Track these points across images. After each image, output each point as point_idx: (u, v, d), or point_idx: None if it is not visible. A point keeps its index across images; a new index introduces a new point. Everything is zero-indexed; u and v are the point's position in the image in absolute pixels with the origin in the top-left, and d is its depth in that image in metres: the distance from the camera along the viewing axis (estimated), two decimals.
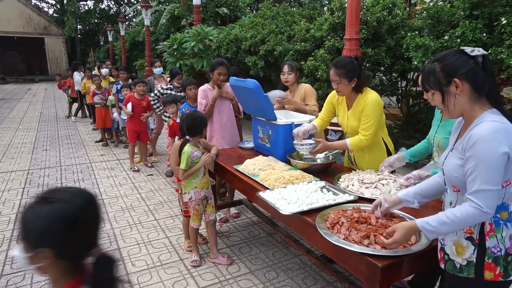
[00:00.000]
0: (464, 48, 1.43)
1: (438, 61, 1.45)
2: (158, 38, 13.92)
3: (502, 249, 1.40)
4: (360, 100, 2.63)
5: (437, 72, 1.44)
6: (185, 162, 2.86)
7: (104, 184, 5.00)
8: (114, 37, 20.98)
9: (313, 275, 2.88)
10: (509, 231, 1.42)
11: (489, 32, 4.28)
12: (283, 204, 2.11)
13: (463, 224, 1.40)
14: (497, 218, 1.41)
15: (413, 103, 6.40)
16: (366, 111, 2.58)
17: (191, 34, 8.66)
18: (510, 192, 1.40)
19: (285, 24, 7.01)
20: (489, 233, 1.41)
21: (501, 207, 1.41)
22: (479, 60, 1.39)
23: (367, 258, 1.59)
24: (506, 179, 1.37)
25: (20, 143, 7.54)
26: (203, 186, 3.01)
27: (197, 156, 2.92)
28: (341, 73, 2.53)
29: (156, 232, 3.59)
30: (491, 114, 1.38)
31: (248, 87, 2.93)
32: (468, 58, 1.40)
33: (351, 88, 2.60)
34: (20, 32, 26.28)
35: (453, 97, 1.42)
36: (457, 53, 1.42)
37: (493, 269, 1.41)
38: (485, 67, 1.40)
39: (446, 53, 1.45)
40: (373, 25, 5.15)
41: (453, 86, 1.41)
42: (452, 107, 1.44)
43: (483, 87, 1.40)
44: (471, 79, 1.39)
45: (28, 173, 5.52)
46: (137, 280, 2.81)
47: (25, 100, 15.51)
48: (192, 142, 2.95)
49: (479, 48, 1.41)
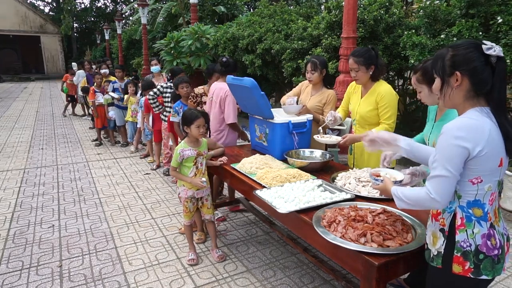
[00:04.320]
0: (484, 42, 1.37)
1: (452, 48, 1.43)
2: (155, 37, 13.86)
3: (472, 245, 1.41)
4: (376, 88, 2.78)
5: (446, 59, 1.42)
6: (174, 159, 2.81)
7: (101, 183, 4.98)
8: (111, 36, 20.90)
9: (310, 273, 2.89)
10: (482, 229, 1.42)
11: (485, 31, 4.29)
12: (280, 203, 2.11)
13: (416, 205, 1.49)
14: (469, 214, 1.43)
15: (410, 101, 6.42)
16: (383, 102, 2.72)
17: (188, 32, 8.64)
18: (485, 190, 1.40)
19: (283, 22, 7.00)
20: (459, 227, 1.44)
21: (474, 203, 1.42)
22: (492, 59, 1.34)
23: (364, 256, 1.60)
24: (476, 175, 1.38)
25: (16, 142, 7.50)
26: (191, 186, 2.91)
27: (188, 156, 2.82)
28: (360, 61, 2.70)
29: (153, 231, 3.59)
30: (474, 112, 1.38)
31: (245, 85, 2.93)
32: (480, 55, 1.35)
33: (369, 76, 2.75)
34: (16, 30, 26.11)
35: (450, 88, 1.42)
36: (472, 46, 1.37)
37: (461, 263, 1.42)
38: (496, 69, 1.35)
39: (462, 42, 1.41)
40: (370, 23, 5.15)
41: (454, 78, 1.40)
42: (448, 98, 1.45)
43: (482, 88, 1.37)
44: (473, 77, 1.37)
45: (24, 172, 5.49)
46: (134, 279, 2.80)
47: (21, 98, 15.42)
48: (187, 139, 2.88)
49: (499, 47, 1.35)
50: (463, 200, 1.43)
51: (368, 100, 2.81)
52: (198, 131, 2.80)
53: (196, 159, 2.88)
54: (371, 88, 2.81)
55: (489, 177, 1.39)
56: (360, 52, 2.74)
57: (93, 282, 2.77)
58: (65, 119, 10.24)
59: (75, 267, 2.97)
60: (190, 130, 2.82)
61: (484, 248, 1.41)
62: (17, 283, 2.77)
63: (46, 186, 4.85)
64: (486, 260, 1.41)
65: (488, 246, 1.41)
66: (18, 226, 3.70)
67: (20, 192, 4.66)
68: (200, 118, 2.79)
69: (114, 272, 2.90)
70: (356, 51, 2.78)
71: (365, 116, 2.82)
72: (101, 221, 3.80)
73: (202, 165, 2.94)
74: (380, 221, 1.78)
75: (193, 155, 2.85)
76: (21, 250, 3.23)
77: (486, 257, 1.41)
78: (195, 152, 2.87)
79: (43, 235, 3.51)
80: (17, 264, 3.02)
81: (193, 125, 2.78)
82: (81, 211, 4.06)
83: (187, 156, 2.83)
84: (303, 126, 3.03)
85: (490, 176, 1.39)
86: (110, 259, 3.08)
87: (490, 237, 1.42)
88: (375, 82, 2.80)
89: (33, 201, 4.35)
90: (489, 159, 1.35)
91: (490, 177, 1.39)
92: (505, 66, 1.39)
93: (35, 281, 2.79)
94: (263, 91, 2.94)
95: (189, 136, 2.88)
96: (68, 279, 2.81)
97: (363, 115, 2.83)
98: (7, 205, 4.22)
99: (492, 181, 1.40)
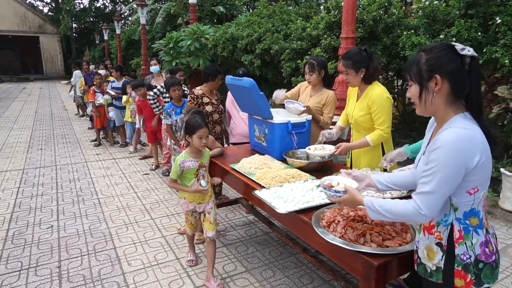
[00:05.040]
0: (455, 44, 1.34)
1: (425, 52, 1.37)
2: (154, 37, 13.85)
3: (471, 256, 1.37)
4: (369, 91, 2.68)
5: (421, 63, 1.36)
6: (174, 171, 2.61)
7: (100, 184, 4.98)
8: (110, 36, 20.86)
9: (310, 273, 2.89)
10: (479, 238, 1.38)
11: (484, 31, 4.30)
12: (279, 203, 2.11)
13: (401, 219, 1.48)
14: (466, 225, 1.38)
15: (409, 101, 6.42)
16: (374, 107, 2.62)
17: (187, 32, 8.63)
18: (480, 198, 1.36)
19: (282, 22, 7.00)
20: (458, 240, 1.38)
21: (471, 213, 1.37)
22: (467, 60, 1.31)
23: (363, 257, 1.59)
24: (474, 185, 1.33)
25: (15, 142, 7.49)
26: (192, 199, 2.72)
27: (189, 167, 2.61)
28: (348, 64, 2.60)
29: (152, 231, 3.58)
30: (461, 119, 1.33)
31: (244, 85, 2.93)
32: (456, 56, 1.32)
33: (360, 79, 2.65)
34: (14, 31, 26.09)
35: (431, 94, 1.36)
36: (446, 48, 1.33)
37: (463, 276, 1.37)
38: (471, 70, 1.32)
39: (435, 45, 1.37)
40: (369, 23, 5.16)
41: (433, 82, 1.35)
42: (429, 104, 1.38)
43: (462, 90, 1.34)
44: (452, 79, 1.32)
45: (23, 172, 5.48)
46: (133, 280, 2.80)
47: (20, 99, 15.40)
48: (189, 150, 2.64)
49: (470, 48, 1.32)
50: (460, 211, 1.38)
51: (361, 104, 2.72)
52: (200, 142, 2.56)
53: (197, 171, 2.67)
54: (365, 91, 2.70)
55: (484, 185, 1.36)
56: (349, 54, 2.61)
57: (92, 283, 2.77)
58: (64, 120, 10.23)
59: (74, 267, 2.97)
60: (191, 140, 2.59)
61: (483, 257, 1.37)
62: (16, 284, 2.76)
63: (45, 187, 4.84)
64: (485, 268, 1.37)
65: (487, 253, 1.38)
66: (17, 226, 3.69)
67: (19, 192, 4.65)
68: (203, 128, 2.55)
69: (113, 273, 2.89)
70: (346, 53, 2.67)
71: (359, 120, 2.74)
72: (100, 222, 3.80)
73: (204, 177, 2.70)
74: (379, 221, 1.78)
75: (195, 167, 2.64)
76: (20, 251, 3.22)
77: (486, 264, 1.37)
78: (197, 163, 2.64)
79: (42, 235, 3.50)
80: (16, 264, 3.01)
81: (195, 135, 2.55)
82: (80, 211, 4.06)
83: (187, 168, 2.61)
84: (302, 126, 3.03)
85: (485, 184, 1.36)
86: (109, 260, 3.08)
87: (487, 244, 1.39)
88: (368, 84, 2.68)
89: (32, 201, 4.35)
90: (486, 167, 1.32)
91: (485, 184, 1.36)
92: (478, 66, 1.36)
93: (34, 281, 2.79)
94: (262, 91, 2.94)
95: (190, 146, 2.65)
96: (67, 279, 2.81)
97: (357, 119, 2.75)
98: (6, 206, 4.21)
99: (486, 188, 1.37)
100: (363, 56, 2.59)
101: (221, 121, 4.06)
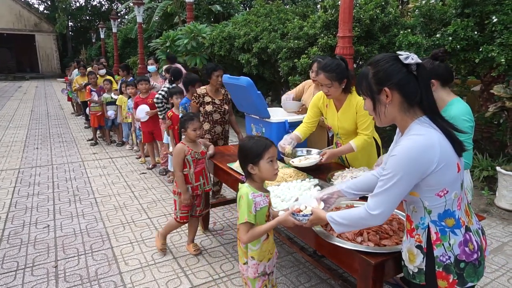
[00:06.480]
0: (399, 53, 1.37)
1: (371, 66, 1.40)
2: (151, 36, 13.81)
3: (451, 257, 1.37)
4: (352, 100, 2.64)
5: (369, 78, 1.40)
6: (247, 211, 1.76)
7: (97, 183, 4.96)
8: (106, 34, 20.76)
9: (307, 272, 2.89)
10: (457, 238, 1.38)
11: (480, 30, 4.32)
12: (277, 202, 2.12)
13: (358, 223, 1.47)
14: (442, 226, 1.39)
15: None
16: (361, 112, 2.59)
17: (184, 31, 8.62)
18: (452, 199, 1.37)
19: (279, 21, 7.00)
20: (435, 242, 1.39)
21: (445, 214, 1.38)
22: (412, 68, 1.34)
23: (360, 255, 1.60)
24: (441, 188, 1.34)
25: (10, 141, 7.45)
26: (263, 256, 1.90)
27: (262, 205, 1.82)
28: (332, 76, 2.50)
29: (149, 231, 3.57)
30: (416, 126, 1.36)
31: (241, 84, 2.93)
32: (401, 66, 1.34)
33: (341, 90, 2.60)
34: (10, 29, 25.89)
35: (383, 106, 1.40)
36: (391, 59, 1.37)
37: (445, 277, 1.38)
38: (419, 76, 1.35)
39: (380, 58, 1.40)
40: (366, 23, 5.17)
41: (384, 95, 1.38)
42: (383, 116, 1.42)
43: (413, 97, 1.36)
44: (402, 89, 1.35)
45: (19, 171, 5.45)
46: (130, 279, 2.79)
47: (15, 97, 15.31)
48: (249, 180, 1.87)
49: (414, 55, 1.34)
50: (434, 214, 1.39)
51: (346, 114, 2.68)
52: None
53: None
54: (346, 100, 2.66)
55: (453, 186, 1.36)
56: (332, 67, 2.50)
57: (89, 283, 2.76)
58: (60, 119, 10.19)
59: (71, 267, 2.96)
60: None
61: (464, 256, 1.37)
62: (12, 284, 2.74)
63: (41, 186, 4.82)
64: (468, 267, 1.38)
65: (467, 252, 1.38)
66: (13, 226, 3.67)
67: (14, 192, 4.62)
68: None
69: (110, 272, 2.88)
70: (327, 65, 2.52)
71: (349, 129, 2.72)
72: (96, 221, 3.78)
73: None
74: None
75: (267, 205, 1.89)
76: (16, 251, 3.20)
77: (467, 264, 1.38)
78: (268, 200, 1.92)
79: (38, 235, 3.48)
80: (12, 264, 3.00)
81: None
82: (76, 211, 4.04)
83: (260, 206, 1.87)
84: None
85: (454, 185, 1.36)
86: (106, 259, 3.07)
87: (467, 243, 1.39)
88: (348, 93, 2.65)
89: (28, 201, 4.32)
90: (448, 169, 1.32)
91: (454, 185, 1.36)
92: (426, 71, 1.38)
93: (30, 281, 2.77)
94: (259, 90, 2.94)
95: (249, 178, 1.94)
96: (64, 279, 2.80)
97: (347, 128, 2.72)
98: (1, 206, 4.19)
99: (457, 188, 1.38)
100: (343, 67, 2.54)
101: (223, 121, 4.00)
